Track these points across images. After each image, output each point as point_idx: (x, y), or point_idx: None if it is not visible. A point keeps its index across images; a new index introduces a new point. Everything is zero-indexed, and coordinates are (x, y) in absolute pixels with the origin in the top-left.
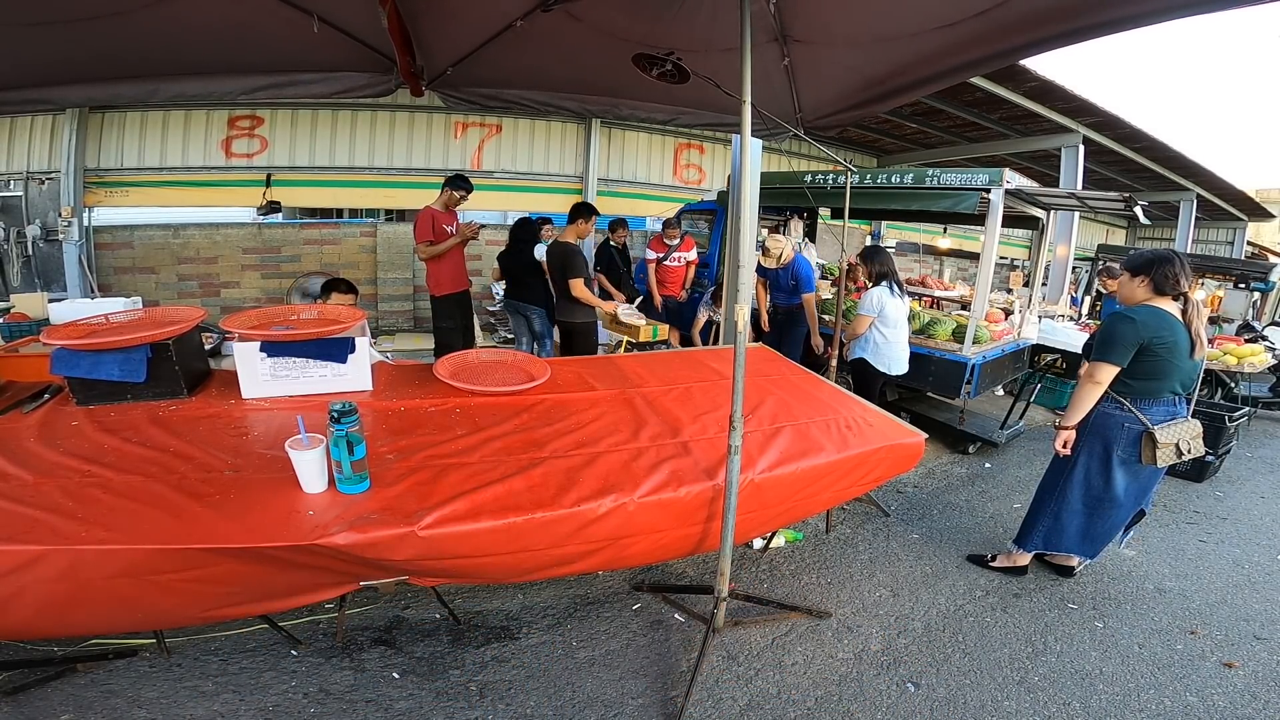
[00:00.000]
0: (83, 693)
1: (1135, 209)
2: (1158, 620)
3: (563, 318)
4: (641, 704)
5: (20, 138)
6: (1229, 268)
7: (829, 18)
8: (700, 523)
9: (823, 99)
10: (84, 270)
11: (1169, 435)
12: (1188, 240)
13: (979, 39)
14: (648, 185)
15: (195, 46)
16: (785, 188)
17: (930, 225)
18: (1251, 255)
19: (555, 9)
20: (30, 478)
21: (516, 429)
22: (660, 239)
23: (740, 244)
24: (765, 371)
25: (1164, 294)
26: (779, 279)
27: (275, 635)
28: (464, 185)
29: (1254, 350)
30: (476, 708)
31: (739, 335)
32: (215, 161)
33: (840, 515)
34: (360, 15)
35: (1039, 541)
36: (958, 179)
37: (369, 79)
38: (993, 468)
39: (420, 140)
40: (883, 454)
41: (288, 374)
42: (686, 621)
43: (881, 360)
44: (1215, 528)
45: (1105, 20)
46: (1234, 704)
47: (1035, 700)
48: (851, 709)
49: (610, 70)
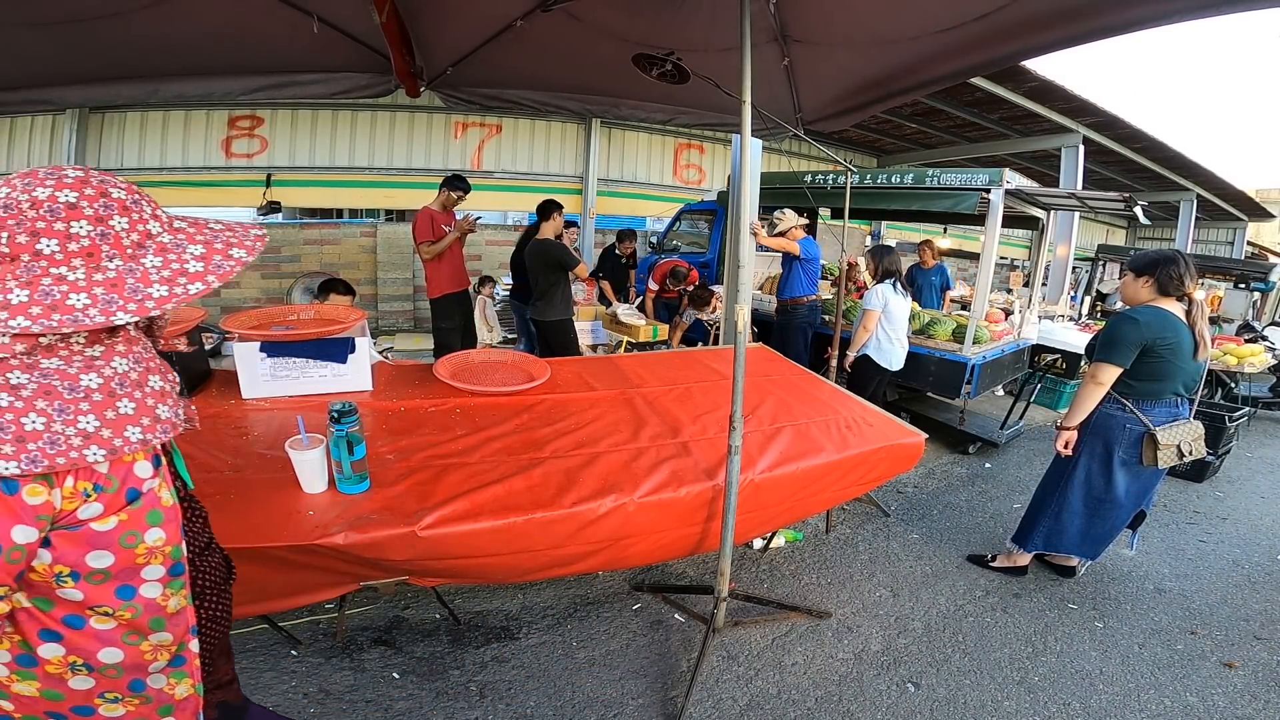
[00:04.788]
0: None
1: (1135, 209)
2: (1158, 620)
3: (539, 316)
4: (641, 704)
5: (20, 138)
6: (1229, 268)
7: (829, 19)
8: (700, 523)
9: (823, 99)
10: None
11: (1170, 436)
12: (1188, 240)
13: (979, 42)
14: (648, 185)
15: (195, 47)
16: (785, 188)
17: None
18: (1251, 255)
19: (555, 9)
20: None
21: (516, 429)
22: (664, 274)
23: (740, 244)
24: (765, 371)
25: (1168, 295)
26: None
27: (275, 635)
28: (461, 185)
29: (1254, 350)
30: (476, 708)
31: (739, 335)
32: (215, 161)
33: (840, 515)
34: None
35: (1039, 542)
36: (958, 179)
37: (369, 79)
38: (993, 468)
39: (420, 140)
40: (882, 454)
41: (288, 374)
42: (686, 621)
43: (883, 357)
44: (1215, 528)
45: (1106, 25)
46: (1234, 704)
47: (1035, 700)
48: (851, 709)
49: (610, 70)
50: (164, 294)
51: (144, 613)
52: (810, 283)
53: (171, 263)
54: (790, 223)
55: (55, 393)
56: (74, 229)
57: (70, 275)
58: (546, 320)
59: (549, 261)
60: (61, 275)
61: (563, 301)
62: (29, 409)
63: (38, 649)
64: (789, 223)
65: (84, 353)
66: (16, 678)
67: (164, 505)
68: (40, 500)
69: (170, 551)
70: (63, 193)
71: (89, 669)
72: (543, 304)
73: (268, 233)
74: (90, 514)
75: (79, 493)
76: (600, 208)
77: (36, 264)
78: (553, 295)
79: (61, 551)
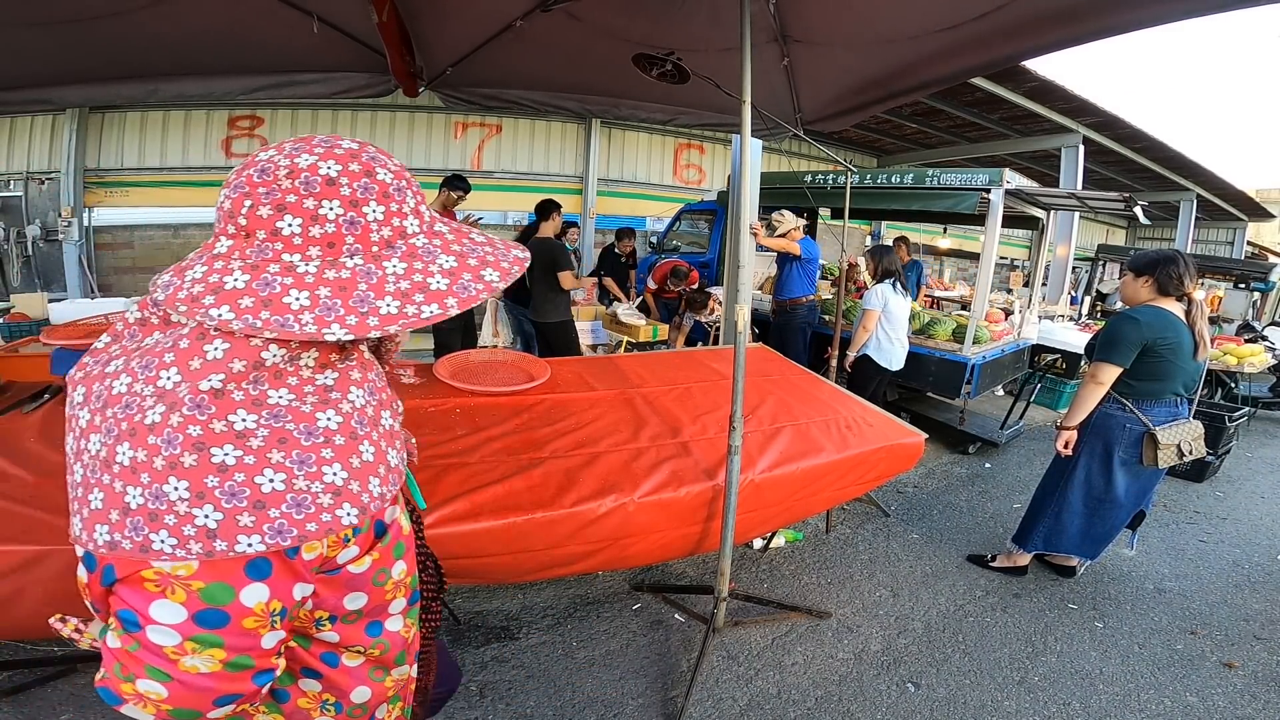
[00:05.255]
0: (83, 693)
1: (1135, 209)
2: (1158, 620)
3: (540, 318)
4: (641, 704)
5: (20, 138)
6: (1229, 268)
7: (829, 19)
8: (700, 523)
9: (822, 99)
10: (84, 270)
11: (1170, 436)
12: (1188, 240)
13: (979, 42)
14: (648, 185)
15: (195, 47)
16: (785, 188)
17: (930, 225)
18: (1251, 255)
19: (555, 9)
20: (30, 478)
21: (516, 429)
22: (664, 274)
23: (740, 244)
24: (765, 371)
25: (1168, 295)
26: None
27: None
28: (461, 185)
29: (1254, 350)
30: (476, 708)
31: (739, 335)
32: (215, 161)
33: (840, 515)
34: (359, 16)
35: (1039, 542)
36: (958, 179)
37: (369, 79)
38: (993, 468)
39: (420, 140)
40: (882, 454)
41: None
42: (686, 621)
43: (884, 357)
44: (1215, 528)
45: (1106, 25)
46: (1234, 704)
47: (1035, 700)
48: (851, 709)
49: (610, 70)
50: (391, 312)
51: (391, 649)
52: (809, 283)
53: (415, 272)
54: (790, 224)
55: (291, 439)
56: (323, 210)
57: (301, 266)
58: (547, 322)
59: (545, 261)
60: (291, 265)
61: (562, 302)
62: (262, 465)
63: (299, 682)
64: (789, 224)
65: (315, 381)
66: (264, 709)
67: (405, 535)
68: (315, 555)
69: (410, 582)
70: (327, 163)
71: (337, 708)
72: (543, 305)
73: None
74: (347, 557)
75: (340, 539)
76: (600, 208)
77: (270, 245)
78: (552, 296)
79: (322, 597)
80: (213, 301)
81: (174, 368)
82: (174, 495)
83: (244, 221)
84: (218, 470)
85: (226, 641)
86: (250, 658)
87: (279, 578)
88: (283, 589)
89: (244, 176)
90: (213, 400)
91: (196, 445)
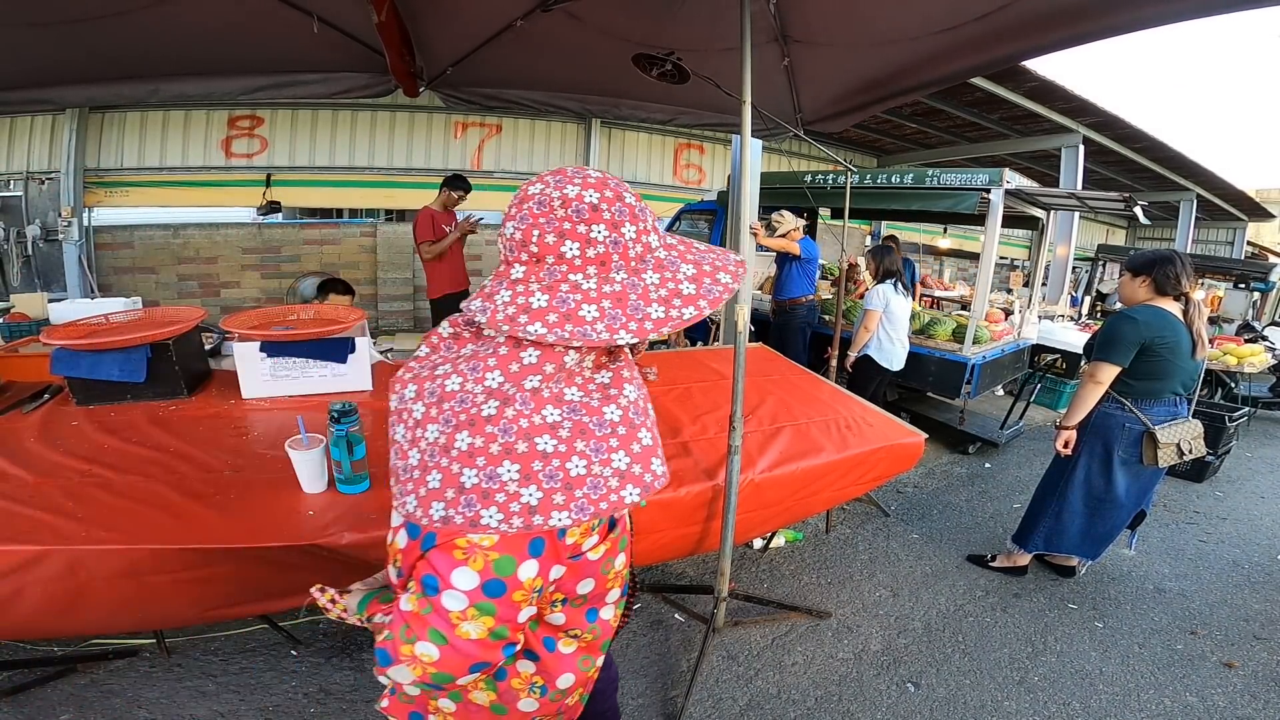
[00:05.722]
0: (83, 693)
1: (1135, 209)
2: (1158, 620)
3: None
4: (641, 704)
5: (20, 138)
6: (1229, 268)
7: (829, 19)
8: (700, 522)
9: (823, 99)
10: (84, 270)
11: (1170, 435)
12: (1188, 240)
13: (979, 42)
14: (648, 185)
15: (195, 47)
16: (785, 188)
17: (930, 225)
18: (1251, 255)
19: (555, 9)
20: (30, 478)
21: None
22: None
23: (740, 244)
24: (765, 371)
25: (1165, 294)
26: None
27: (276, 635)
28: (462, 185)
29: (1254, 350)
30: None
31: (739, 335)
32: (215, 161)
33: (840, 515)
34: (360, 16)
35: (1040, 542)
36: (958, 179)
37: (369, 79)
38: (993, 468)
39: (420, 140)
40: (882, 454)
41: (288, 374)
42: (686, 621)
43: (884, 357)
44: (1215, 528)
45: (1106, 25)
46: (1234, 704)
47: (1035, 700)
48: (851, 709)
49: (610, 70)
50: (661, 315)
51: (601, 635)
52: (809, 283)
53: (668, 281)
54: (790, 225)
55: (588, 431)
56: (594, 233)
57: (585, 284)
58: None
59: None
60: (577, 283)
61: None
62: (570, 452)
63: (517, 664)
64: (789, 224)
65: (594, 380)
66: (483, 685)
67: (628, 529)
68: (573, 540)
69: (626, 575)
70: (588, 192)
71: (543, 691)
72: None
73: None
74: (590, 544)
75: (590, 527)
76: None
77: (558, 268)
78: None
79: (564, 580)
80: (526, 320)
81: (497, 370)
82: (506, 476)
83: (535, 249)
84: (541, 456)
85: (498, 611)
86: (507, 629)
87: (548, 556)
88: (547, 568)
89: (525, 210)
90: (533, 397)
91: (526, 435)
